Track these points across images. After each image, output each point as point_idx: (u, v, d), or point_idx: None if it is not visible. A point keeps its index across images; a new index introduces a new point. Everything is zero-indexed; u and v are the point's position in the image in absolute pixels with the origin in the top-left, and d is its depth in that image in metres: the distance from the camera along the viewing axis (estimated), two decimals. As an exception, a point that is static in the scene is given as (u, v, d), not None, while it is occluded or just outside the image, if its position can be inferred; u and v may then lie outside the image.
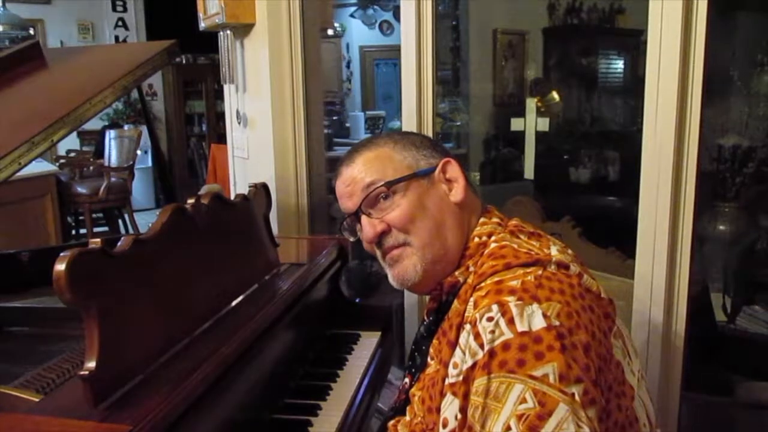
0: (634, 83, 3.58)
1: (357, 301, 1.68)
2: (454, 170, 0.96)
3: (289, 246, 1.75)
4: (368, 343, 1.55)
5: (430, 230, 0.92)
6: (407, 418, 0.96)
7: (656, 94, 1.24)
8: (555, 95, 3.47)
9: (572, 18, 3.73)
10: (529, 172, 2.04)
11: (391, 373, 1.74)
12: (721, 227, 2.34)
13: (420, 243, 0.92)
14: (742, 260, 2.24)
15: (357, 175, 0.96)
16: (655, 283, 1.29)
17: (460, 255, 0.93)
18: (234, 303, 1.21)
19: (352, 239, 1.02)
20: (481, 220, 0.95)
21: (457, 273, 0.91)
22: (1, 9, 5.09)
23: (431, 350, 0.93)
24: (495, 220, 0.95)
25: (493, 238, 0.91)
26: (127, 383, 0.87)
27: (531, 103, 3.29)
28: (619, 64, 3.90)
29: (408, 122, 1.95)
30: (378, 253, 0.97)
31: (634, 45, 3.67)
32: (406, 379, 1.02)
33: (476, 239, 0.92)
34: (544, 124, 2.07)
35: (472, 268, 0.90)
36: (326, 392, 1.29)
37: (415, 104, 1.91)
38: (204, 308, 1.12)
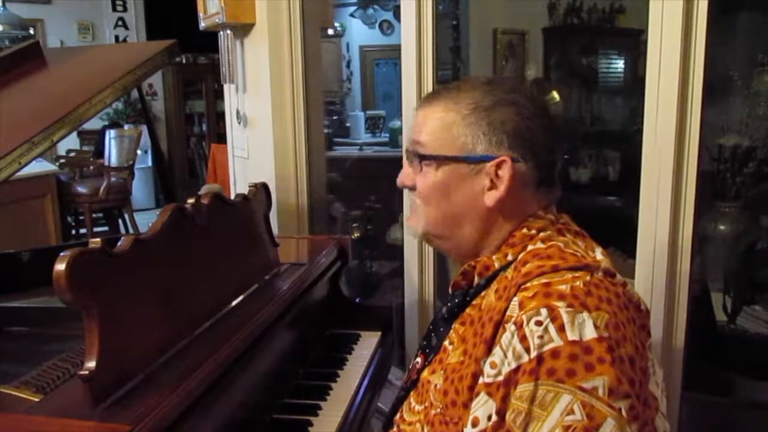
0: (634, 83, 3.58)
1: (357, 301, 1.69)
2: (504, 173, 0.87)
3: (289, 246, 1.74)
4: (368, 343, 1.55)
5: (442, 219, 0.92)
6: (414, 404, 0.94)
7: (657, 94, 1.23)
8: (555, 95, 3.47)
9: (572, 18, 3.74)
10: (529, 172, 2.03)
11: (391, 373, 1.74)
12: (722, 227, 2.34)
13: (426, 220, 0.93)
14: (742, 260, 2.24)
15: (421, 120, 0.93)
16: (655, 283, 1.29)
17: (501, 242, 0.91)
18: (234, 303, 1.21)
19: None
20: (538, 213, 0.91)
21: (494, 257, 0.90)
22: (1, 9, 5.08)
23: (452, 334, 0.91)
24: (550, 216, 0.92)
25: (541, 234, 0.89)
26: (127, 383, 0.87)
27: (531, 103, 3.28)
28: (619, 64, 3.90)
29: (408, 122, 1.95)
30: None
31: (634, 45, 3.67)
32: (418, 359, 1.00)
33: (524, 230, 0.90)
34: (544, 123, 2.07)
35: (510, 257, 0.88)
36: (326, 392, 1.29)
37: (416, 104, 1.90)
38: (204, 308, 1.12)
